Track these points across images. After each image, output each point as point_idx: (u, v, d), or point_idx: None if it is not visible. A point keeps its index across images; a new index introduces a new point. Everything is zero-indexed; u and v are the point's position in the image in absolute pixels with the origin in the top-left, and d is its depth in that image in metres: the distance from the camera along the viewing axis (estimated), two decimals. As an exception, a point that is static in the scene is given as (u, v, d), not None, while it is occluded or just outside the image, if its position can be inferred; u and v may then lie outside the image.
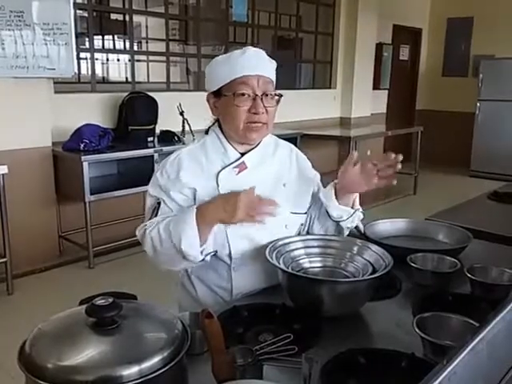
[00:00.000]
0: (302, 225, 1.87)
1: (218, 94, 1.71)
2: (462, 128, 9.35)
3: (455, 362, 0.85)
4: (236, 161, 1.73)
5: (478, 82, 8.92)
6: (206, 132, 1.86)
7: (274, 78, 1.73)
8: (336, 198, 1.77)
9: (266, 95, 1.67)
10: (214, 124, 1.84)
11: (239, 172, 1.72)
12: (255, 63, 1.68)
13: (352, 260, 1.69)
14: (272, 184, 1.79)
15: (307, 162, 1.97)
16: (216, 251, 1.67)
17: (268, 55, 1.75)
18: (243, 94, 1.64)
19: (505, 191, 3.12)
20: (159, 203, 1.68)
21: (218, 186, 1.69)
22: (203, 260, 1.61)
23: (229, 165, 1.72)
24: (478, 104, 8.99)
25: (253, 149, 1.76)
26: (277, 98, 1.71)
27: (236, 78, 1.65)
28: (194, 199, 1.69)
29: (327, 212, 1.80)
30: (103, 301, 1.05)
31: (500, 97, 8.73)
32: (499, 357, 1.06)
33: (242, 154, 1.75)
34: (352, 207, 1.80)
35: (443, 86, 9.97)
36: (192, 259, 1.58)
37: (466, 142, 9.19)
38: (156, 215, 1.67)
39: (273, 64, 1.75)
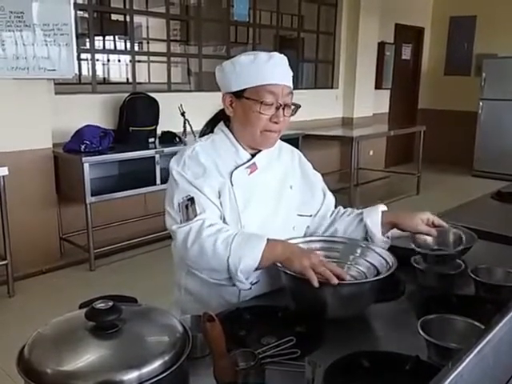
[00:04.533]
0: (308, 227, 1.88)
1: (237, 95, 1.70)
2: (464, 127, 9.32)
3: (462, 366, 0.84)
4: (248, 161, 1.74)
5: (480, 81, 8.90)
6: (204, 132, 1.85)
7: (292, 87, 1.74)
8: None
9: (287, 106, 1.69)
10: (212, 122, 1.84)
11: (251, 173, 1.74)
12: (282, 72, 1.70)
13: (355, 263, 1.67)
14: (280, 186, 1.81)
15: (309, 164, 1.98)
16: (259, 280, 1.68)
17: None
18: (268, 103, 1.65)
19: (508, 191, 3.10)
20: (192, 198, 1.63)
21: (232, 185, 1.69)
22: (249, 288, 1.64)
23: (241, 165, 1.73)
24: (481, 103, 8.96)
25: (261, 150, 1.77)
26: (294, 107, 1.72)
27: (263, 84, 1.64)
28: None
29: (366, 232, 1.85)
30: (103, 304, 1.03)
31: (503, 96, 8.70)
32: (505, 360, 1.05)
33: (252, 155, 1.76)
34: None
35: (446, 85, 9.95)
36: (238, 284, 1.59)
37: (468, 141, 9.17)
38: (195, 211, 1.61)
39: (291, 72, 1.76)
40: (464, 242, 1.75)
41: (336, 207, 1.99)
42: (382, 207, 1.89)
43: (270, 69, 1.66)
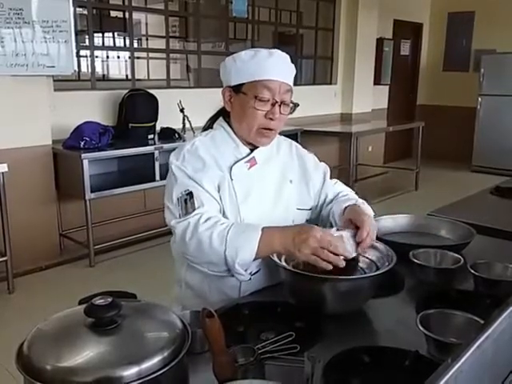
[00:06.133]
0: (306, 221, 1.88)
1: (236, 89, 1.70)
2: (463, 123, 9.32)
3: (461, 361, 0.83)
4: (247, 156, 1.75)
5: (479, 77, 8.89)
6: (206, 127, 1.85)
7: (292, 85, 1.73)
8: None
9: (284, 103, 1.69)
10: (214, 117, 1.84)
11: (250, 167, 1.74)
12: (281, 69, 1.69)
13: None
14: (280, 180, 1.81)
15: (308, 156, 1.96)
16: (259, 270, 1.69)
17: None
18: (264, 99, 1.65)
19: (507, 186, 3.10)
20: (191, 193, 1.63)
21: (231, 179, 1.69)
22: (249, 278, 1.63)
23: (241, 159, 1.73)
24: (480, 99, 8.96)
25: None
26: (292, 105, 1.72)
27: (260, 79, 1.65)
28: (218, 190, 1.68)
29: None
30: (102, 300, 1.03)
31: (501, 91, 8.69)
32: (504, 355, 1.05)
33: (251, 150, 1.76)
34: None
35: (444, 80, 9.94)
36: (237, 276, 1.59)
37: (467, 137, 9.17)
38: (193, 205, 1.61)
39: (294, 71, 1.76)
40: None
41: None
42: (350, 202, 1.78)
43: (268, 65, 1.66)
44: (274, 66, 1.67)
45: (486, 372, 0.97)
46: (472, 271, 1.64)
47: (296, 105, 1.73)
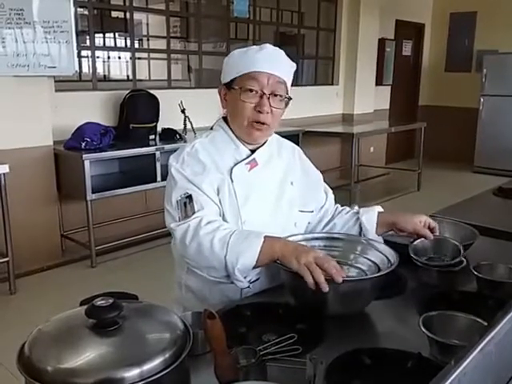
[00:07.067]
0: (309, 223, 1.88)
1: (228, 86, 1.70)
2: (465, 124, 9.32)
3: (465, 363, 0.83)
4: (247, 157, 1.73)
5: (481, 77, 8.89)
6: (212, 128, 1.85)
7: (288, 79, 1.71)
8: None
9: (275, 95, 1.66)
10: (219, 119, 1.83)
11: (251, 169, 1.72)
12: (270, 61, 1.67)
13: (356, 262, 1.67)
14: (280, 182, 1.80)
15: (309, 161, 1.97)
16: (258, 278, 1.68)
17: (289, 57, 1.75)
18: (251, 90, 1.64)
19: (509, 187, 3.09)
20: (190, 196, 1.62)
21: (232, 181, 1.68)
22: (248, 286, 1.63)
23: (241, 161, 1.72)
24: (482, 99, 8.95)
25: (261, 146, 1.76)
26: (286, 100, 1.70)
27: (247, 72, 1.64)
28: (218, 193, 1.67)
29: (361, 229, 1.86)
30: (103, 302, 1.03)
31: (504, 92, 8.69)
32: (507, 357, 1.04)
33: (252, 151, 1.75)
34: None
35: (446, 81, 9.94)
36: (236, 283, 1.57)
37: (469, 137, 9.16)
38: (193, 208, 1.60)
39: (290, 66, 1.74)
40: (462, 254, 1.74)
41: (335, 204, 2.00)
42: (379, 208, 1.91)
43: (257, 58, 1.65)
44: (262, 59, 1.65)
45: (490, 374, 0.96)
46: (475, 273, 1.63)
47: (289, 98, 1.70)
